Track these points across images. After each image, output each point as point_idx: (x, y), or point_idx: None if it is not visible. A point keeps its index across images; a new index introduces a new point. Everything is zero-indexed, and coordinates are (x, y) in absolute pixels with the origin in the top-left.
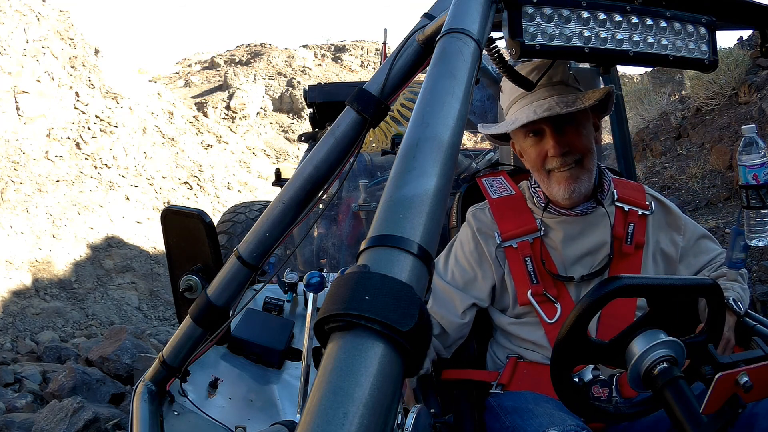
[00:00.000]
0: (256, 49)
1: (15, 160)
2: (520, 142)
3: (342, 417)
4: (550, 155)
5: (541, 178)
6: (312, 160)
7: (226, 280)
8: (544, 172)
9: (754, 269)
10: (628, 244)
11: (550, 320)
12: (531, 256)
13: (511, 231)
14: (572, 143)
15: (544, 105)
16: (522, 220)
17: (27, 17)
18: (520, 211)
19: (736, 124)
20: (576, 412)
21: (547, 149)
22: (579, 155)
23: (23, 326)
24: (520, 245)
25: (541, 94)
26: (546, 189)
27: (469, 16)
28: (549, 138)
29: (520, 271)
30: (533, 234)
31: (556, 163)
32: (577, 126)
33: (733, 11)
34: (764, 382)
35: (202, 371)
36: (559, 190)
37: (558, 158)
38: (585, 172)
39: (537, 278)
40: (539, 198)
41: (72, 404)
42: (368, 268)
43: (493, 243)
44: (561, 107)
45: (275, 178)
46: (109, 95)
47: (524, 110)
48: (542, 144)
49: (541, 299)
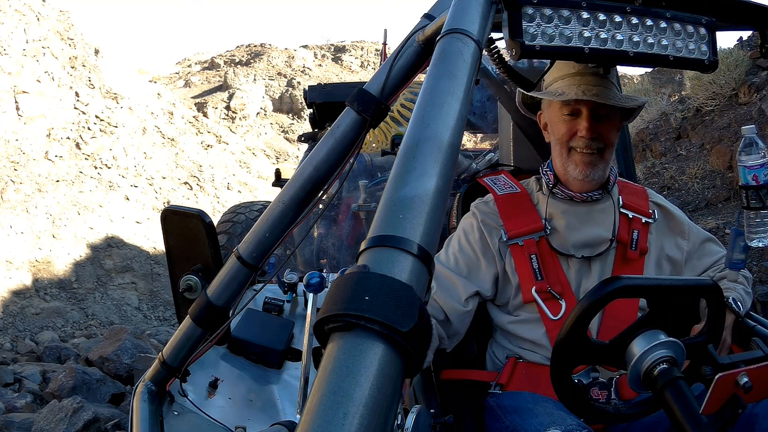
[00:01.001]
0: (256, 50)
1: (15, 160)
2: (554, 114)
3: (342, 417)
4: (579, 135)
5: (561, 152)
6: (312, 161)
7: (226, 280)
8: (566, 148)
9: (755, 270)
10: (633, 250)
11: (554, 317)
12: (536, 253)
13: (517, 230)
14: (603, 132)
15: (592, 90)
16: (528, 219)
17: (27, 17)
18: (526, 209)
19: (736, 124)
20: (576, 412)
21: (578, 129)
22: (603, 145)
23: (23, 326)
24: (527, 243)
25: (590, 80)
26: (562, 166)
27: (469, 16)
28: (584, 119)
29: (525, 268)
30: (539, 233)
31: (582, 144)
32: (609, 120)
33: (733, 12)
34: (764, 383)
35: (202, 371)
36: (575, 170)
37: (586, 140)
38: (602, 162)
39: (542, 275)
40: (548, 179)
41: (72, 404)
42: (368, 268)
43: (497, 236)
44: (606, 98)
45: (275, 179)
46: (109, 95)
47: (572, 87)
48: (575, 123)
49: (545, 296)
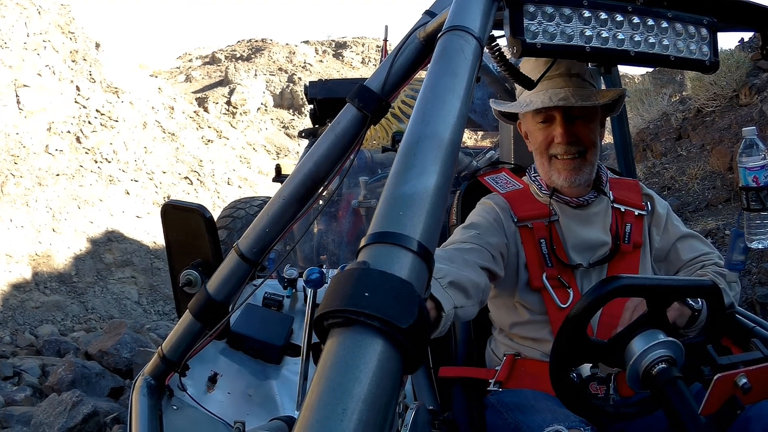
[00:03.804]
0: (257, 45)
1: (15, 153)
2: (529, 123)
3: (341, 413)
4: (556, 142)
5: (542, 162)
6: (312, 157)
7: (226, 275)
8: (546, 156)
9: (754, 271)
10: (626, 244)
11: (563, 305)
12: (546, 238)
13: (526, 213)
14: (580, 135)
15: (560, 93)
16: (535, 206)
17: (28, 11)
18: (531, 200)
19: (737, 125)
20: (575, 411)
21: (554, 135)
22: (584, 147)
23: (23, 320)
24: (536, 226)
25: (558, 82)
26: (545, 174)
27: (471, 13)
28: (558, 125)
29: (534, 254)
30: (548, 218)
31: (560, 150)
32: (586, 120)
33: (734, 13)
34: (763, 384)
35: (201, 366)
36: (558, 178)
37: (563, 146)
38: (587, 165)
39: (551, 262)
40: (541, 186)
41: (71, 398)
42: (368, 264)
43: (510, 218)
44: (576, 99)
45: (275, 174)
46: (110, 89)
47: (539, 95)
48: (550, 129)
49: (554, 284)
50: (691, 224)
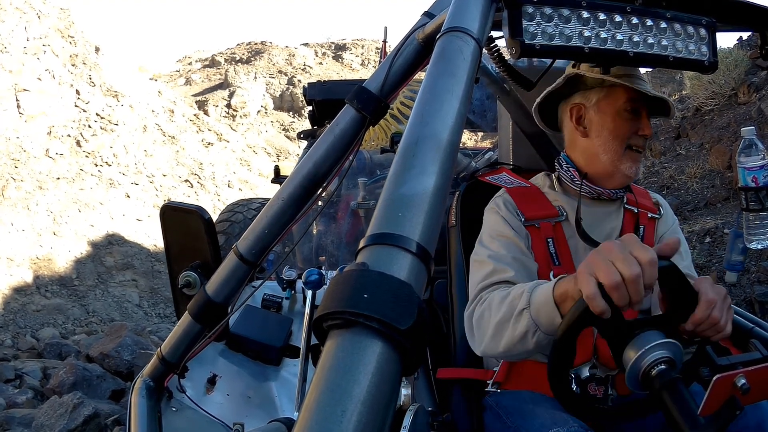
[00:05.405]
0: (256, 48)
1: (16, 157)
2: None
3: (340, 414)
4: (640, 134)
5: (616, 149)
6: (311, 158)
7: (225, 276)
8: (624, 145)
9: (753, 270)
10: None
11: None
12: (553, 237)
13: (533, 213)
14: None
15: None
16: (542, 205)
17: (27, 15)
18: (540, 200)
19: (736, 124)
20: (573, 412)
21: (639, 128)
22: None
23: (24, 323)
24: (543, 226)
25: (636, 81)
26: (611, 162)
27: (470, 14)
28: (645, 118)
29: (542, 253)
30: (555, 218)
31: (640, 142)
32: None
33: (733, 13)
34: (762, 385)
35: (200, 367)
36: (629, 168)
37: (643, 139)
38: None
39: (559, 260)
40: (572, 176)
41: (72, 400)
42: (367, 266)
43: (517, 217)
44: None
45: (274, 175)
46: (110, 93)
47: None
48: (636, 121)
49: None
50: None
